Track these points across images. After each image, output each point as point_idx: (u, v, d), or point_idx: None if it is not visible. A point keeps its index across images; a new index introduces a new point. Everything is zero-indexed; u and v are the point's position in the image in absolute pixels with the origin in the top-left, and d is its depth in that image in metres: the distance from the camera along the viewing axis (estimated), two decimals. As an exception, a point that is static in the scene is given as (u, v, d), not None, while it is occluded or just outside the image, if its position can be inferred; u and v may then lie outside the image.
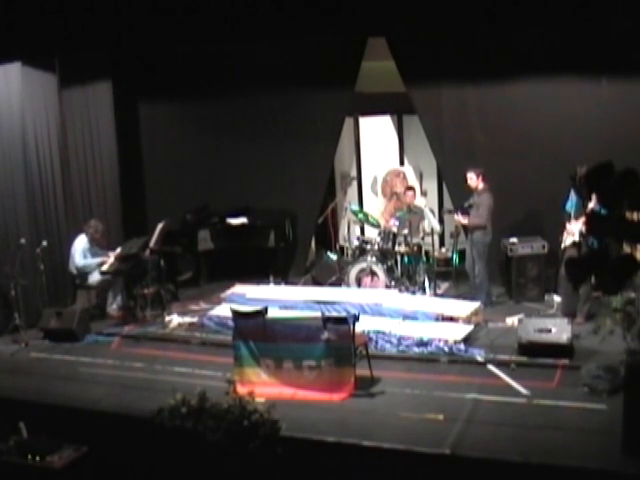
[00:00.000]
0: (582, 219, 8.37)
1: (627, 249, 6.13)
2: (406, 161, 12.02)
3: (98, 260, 9.82)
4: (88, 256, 9.82)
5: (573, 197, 8.59)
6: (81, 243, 9.83)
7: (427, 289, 10.08)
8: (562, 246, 8.84)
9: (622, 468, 5.67)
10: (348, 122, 11.66)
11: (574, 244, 8.56)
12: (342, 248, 11.97)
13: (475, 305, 9.13)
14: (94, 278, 9.86)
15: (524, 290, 9.71)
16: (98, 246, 9.99)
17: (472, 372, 7.72)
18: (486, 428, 6.50)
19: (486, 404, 6.95)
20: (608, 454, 5.86)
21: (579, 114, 9.56)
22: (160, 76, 11.31)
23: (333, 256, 11.18)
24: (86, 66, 10.36)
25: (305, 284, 10.99)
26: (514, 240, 9.76)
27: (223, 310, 9.32)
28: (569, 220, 8.64)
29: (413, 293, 9.98)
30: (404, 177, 11.87)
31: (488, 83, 9.91)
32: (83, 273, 9.84)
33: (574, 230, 8.54)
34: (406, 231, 10.23)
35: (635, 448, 5.75)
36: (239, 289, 10.37)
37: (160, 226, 10.21)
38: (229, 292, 10.32)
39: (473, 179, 9.38)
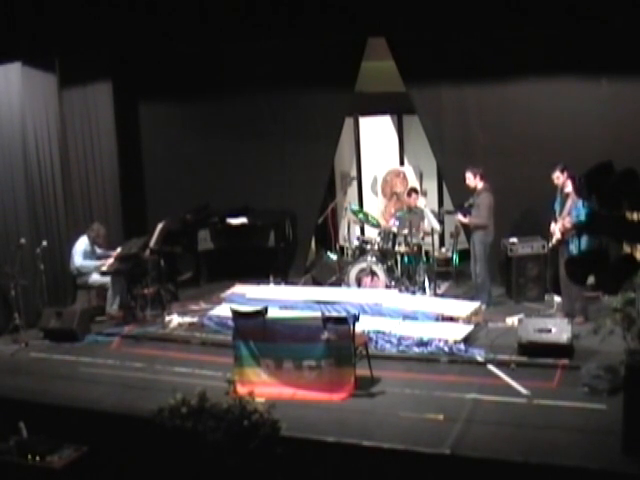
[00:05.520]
0: (561, 220, 8.49)
1: (627, 249, 6.14)
2: (406, 161, 12.02)
3: (97, 263, 9.83)
4: (88, 258, 9.83)
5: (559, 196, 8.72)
6: (82, 244, 9.84)
7: (427, 289, 10.08)
8: (550, 245, 8.92)
9: (622, 468, 5.67)
10: (348, 122, 11.66)
11: (559, 244, 8.67)
12: (342, 248, 11.97)
13: (475, 305, 9.13)
14: (94, 278, 9.87)
15: (524, 290, 9.71)
16: (100, 248, 9.99)
17: (472, 372, 7.71)
18: (486, 428, 6.49)
19: (486, 404, 6.95)
20: (608, 454, 5.86)
21: (579, 114, 9.57)
22: (160, 76, 11.31)
23: (333, 256, 11.18)
24: (86, 66, 10.36)
25: (305, 284, 10.99)
26: (514, 240, 9.76)
27: (223, 310, 9.32)
28: (555, 219, 8.70)
29: (413, 293, 9.98)
30: (404, 177, 11.87)
31: (488, 83, 9.92)
32: (81, 274, 9.85)
33: (556, 230, 8.64)
34: (406, 231, 10.23)
35: (635, 448, 5.75)
36: (239, 289, 10.37)
37: (160, 226, 10.20)
38: (229, 292, 10.33)
39: (471, 179, 9.38)
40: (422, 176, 11.79)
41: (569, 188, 8.58)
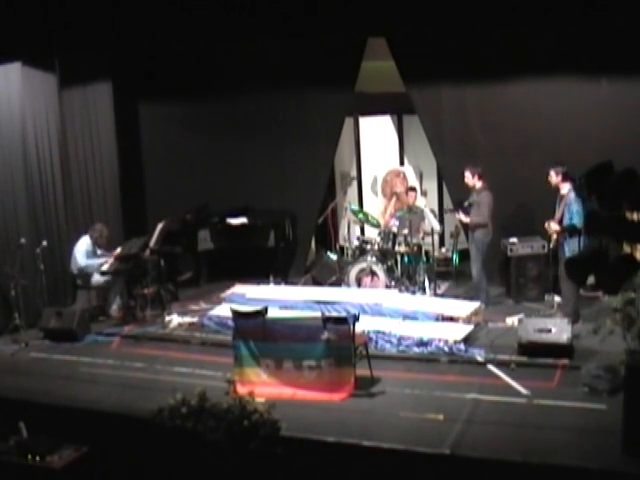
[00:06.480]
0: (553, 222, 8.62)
1: (627, 249, 6.14)
2: (406, 161, 12.03)
3: (101, 261, 9.82)
4: (89, 258, 9.82)
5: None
6: (84, 245, 9.84)
7: (427, 289, 10.08)
8: (550, 246, 8.96)
9: (622, 468, 5.67)
10: (348, 122, 11.66)
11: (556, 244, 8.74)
12: (342, 248, 11.97)
13: (475, 305, 9.13)
14: (95, 279, 9.87)
15: (524, 290, 9.71)
16: (101, 248, 9.99)
17: (472, 372, 7.71)
18: (486, 428, 6.49)
19: (486, 404, 6.95)
20: (608, 454, 5.86)
21: (579, 114, 9.57)
22: (160, 76, 11.31)
23: (333, 256, 11.17)
24: (86, 66, 10.36)
25: (305, 284, 10.99)
26: (514, 240, 9.76)
27: (223, 310, 9.32)
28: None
29: (413, 293, 9.97)
30: (404, 177, 11.88)
31: (488, 83, 9.92)
32: (84, 274, 9.85)
33: (551, 232, 8.74)
34: (406, 231, 10.23)
35: (635, 448, 5.75)
36: (239, 289, 10.37)
37: (160, 226, 10.21)
38: (229, 292, 10.32)
39: (469, 178, 9.38)
40: (422, 176, 11.80)
41: (564, 190, 8.59)
